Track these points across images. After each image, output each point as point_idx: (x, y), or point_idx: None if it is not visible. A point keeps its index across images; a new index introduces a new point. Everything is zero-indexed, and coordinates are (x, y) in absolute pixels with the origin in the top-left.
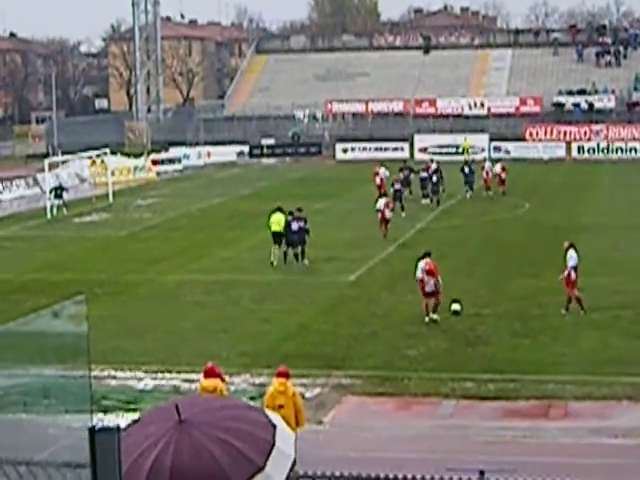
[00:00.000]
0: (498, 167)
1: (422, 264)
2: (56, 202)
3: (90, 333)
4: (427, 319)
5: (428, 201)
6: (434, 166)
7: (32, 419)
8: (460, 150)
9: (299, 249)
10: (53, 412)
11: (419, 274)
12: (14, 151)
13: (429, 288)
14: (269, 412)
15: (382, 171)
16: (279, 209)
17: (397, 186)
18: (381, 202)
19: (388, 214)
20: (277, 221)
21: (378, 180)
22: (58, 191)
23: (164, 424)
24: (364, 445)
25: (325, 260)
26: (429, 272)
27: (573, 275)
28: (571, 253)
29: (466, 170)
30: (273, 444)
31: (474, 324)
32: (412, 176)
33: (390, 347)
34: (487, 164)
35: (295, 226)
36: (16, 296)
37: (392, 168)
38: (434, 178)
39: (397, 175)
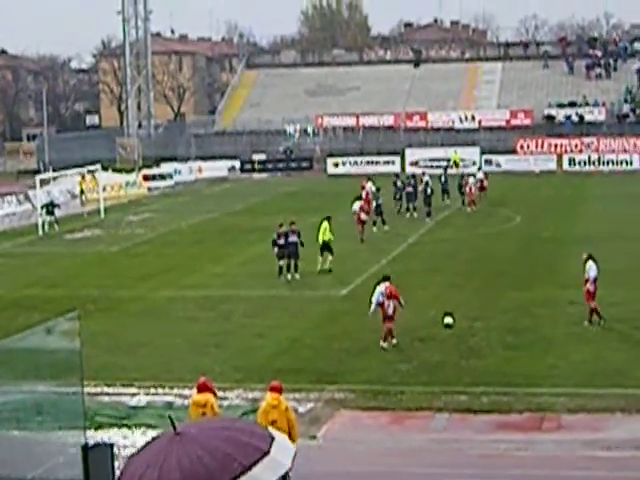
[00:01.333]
0: (481, 173)
1: (381, 288)
2: (48, 218)
3: (83, 349)
4: (385, 344)
5: (415, 215)
6: (426, 178)
7: (25, 436)
8: (450, 163)
9: (292, 262)
10: (46, 429)
11: (379, 298)
12: (5, 167)
13: (390, 311)
14: (271, 429)
15: (369, 185)
16: (327, 218)
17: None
18: (356, 205)
19: (363, 216)
20: (324, 230)
21: (364, 194)
22: (49, 207)
23: (162, 440)
24: (357, 459)
25: (317, 274)
26: (389, 296)
27: (591, 287)
28: (590, 264)
29: (442, 179)
30: (267, 453)
31: (467, 337)
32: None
33: (383, 361)
34: (471, 179)
35: (291, 239)
36: (8, 312)
37: (382, 182)
38: (428, 191)
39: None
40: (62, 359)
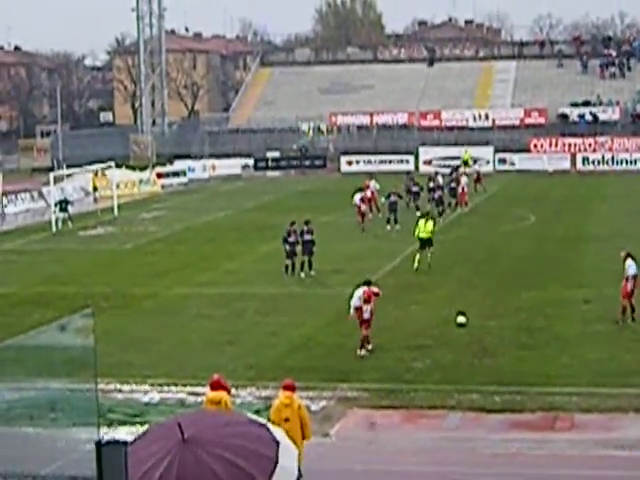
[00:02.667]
0: (476, 166)
1: (360, 292)
2: (61, 215)
3: (96, 346)
4: (362, 352)
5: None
6: (440, 179)
7: (39, 432)
8: (461, 162)
9: (306, 259)
10: (60, 425)
11: (356, 303)
12: (19, 164)
13: (366, 316)
14: (273, 428)
15: (372, 184)
16: (424, 215)
17: (393, 198)
18: (357, 197)
19: (363, 207)
20: (424, 227)
21: (369, 193)
22: (63, 204)
23: (168, 442)
24: (370, 458)
25: (331, 272)
26: (367, 300)
27: (630, 284)
28: (629, 262)
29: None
30: (276, 462)
31: (480, 336)
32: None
33: (396, 359)
34: (463, 179)
35: (307, 237)
36: (22, 309)
37: (392, 181)
38: (438, 192)
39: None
40: (76, 356)
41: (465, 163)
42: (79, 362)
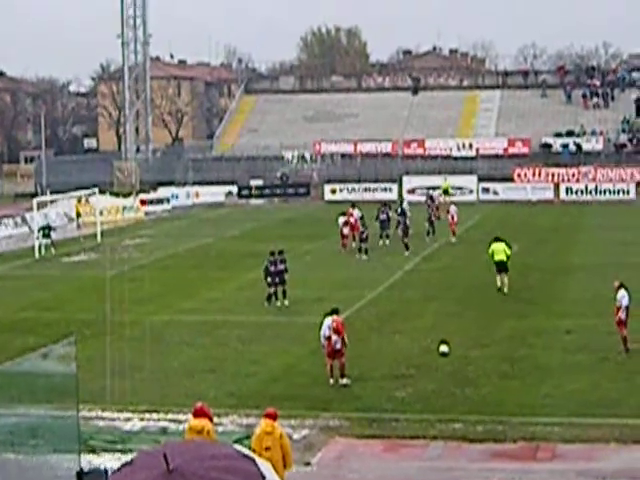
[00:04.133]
0: (437, 193)
1: (329, 321)
2: (44, 241)
3: (78, 374)
4: (332, 382)
5: (387, 243)
6: (406, 205)
7: (20, 459)
8: (441, 191)
9: (280, 289)
10: (41, 452)
11: (326, 332)
12: (2, 190)
13: (337, 346)
14: (260, 461)
15: (356, 212)
16: (498, 238)
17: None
18: (340, 220)
19: (346, 231)
20: (500, 250)
21: (352, 220)
22: (46, 230)
23: (152, 472)
24: None
25: (313, 301)
26: (336, 330)
27: (623, 315)
28: (622, 292)
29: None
30: None
31: (462, 365)
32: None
33: (378, 389)
34: (452, 208)
35: (279, 267)
36: (4, 335)
37: (372, 210)
38: (407, 221)
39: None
40: (58, 383)
41: (445, 192)
42: (61, 389)
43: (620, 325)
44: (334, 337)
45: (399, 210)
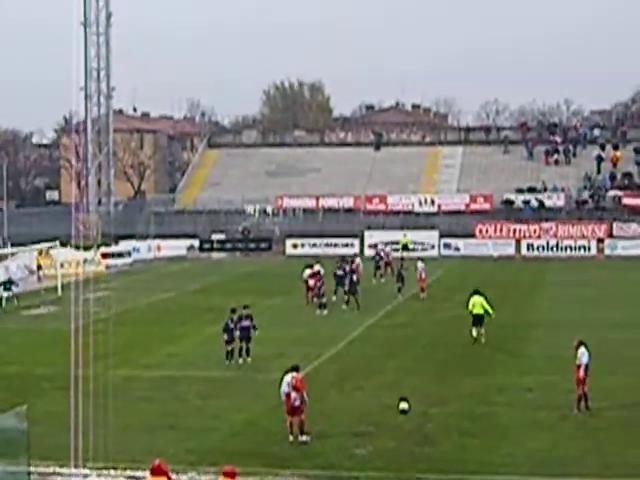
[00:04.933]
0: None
1: (288, 378)
2: (5, 294)
3: (33, 428)
4: (292, 438)
5: (345, 298)
6: (358, 261)
7: None
8: (400, 246)
9: (244, 346)
10: None
11: (285, 389)
12: None
13: (297, 403)
14: None
15: (318, 267)
16: (477, 292)
17: (318, 283)
18: (306, 272)
19: (311, 282)
20: (478, 303)
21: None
22: (7, 284)
23: None
24: None
25: (273, 357)
26: (295, 387)
27: (583, 373)
28: (582, 350)
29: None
30: None
31: (422, 423)
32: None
33: (338, 446)
34: (419, 264)
35: (244, 324)
36: None
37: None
38: (353, 277)
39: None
40: (10, 439)
41: (404, 247)
42: (13, 444)
43: (579, 384)
44: (293, 394)
45: (347, 268)
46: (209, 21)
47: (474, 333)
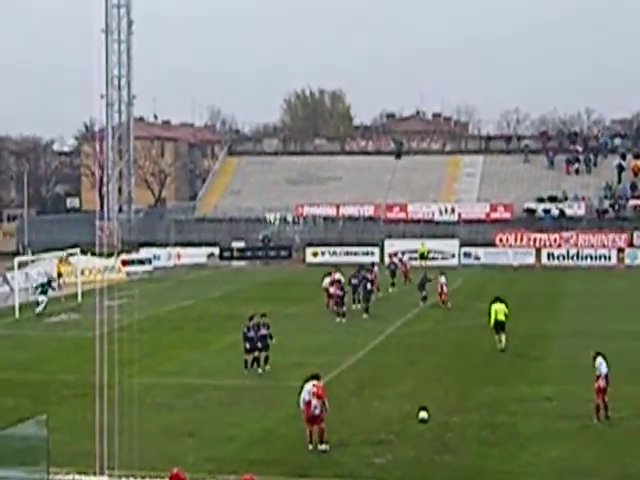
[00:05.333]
0: (443, 278)
1: (309, 386)
2: (40, 298)
3: (53, 436)
4: (311, 447)
5: (358, 307)
6: (376, 270)
7: None
8: (417, 255)
9: (263, 354)
10: None
11: (305, 397)
12: None
13: (317, 412)
14: None
15: (338, 276)
16: (498, 298)
17: (338, 291)
18: (326, 281)
19: (332, 290)
20: (501, 310)
21: (336, 284)
22: (45, 287)
23: None
24: None
25: (293, 366)
26: (317, 395)
27: (602, 382)
28: (600, 360)
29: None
30: None
31: (442, 432)
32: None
33: (357, 455)
34: (442, 278)
35: (262, 332)
36: None
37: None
38: (367, 285)
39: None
40: (31, 446)
41: (422, 256)
42: (34, 452)
43: (598, 393)
44: (314, 402)
45: (368, 276)
46: (228, 23)
47: (497, 340)
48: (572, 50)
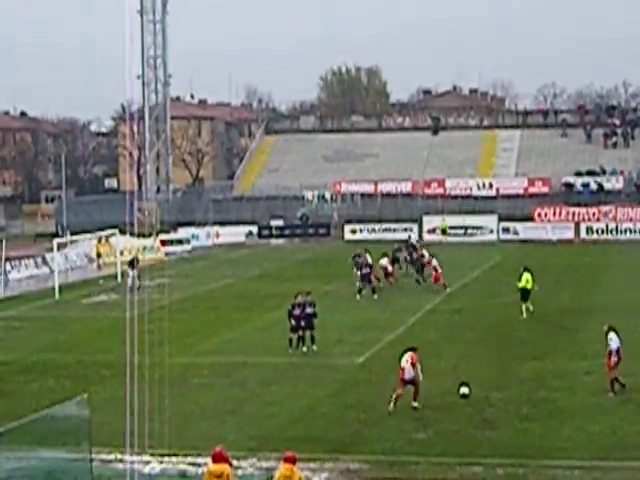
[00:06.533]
0: (434, 261)
1: (406, 356)
2: (131, 273)
3: (95, 416)
4: (392, 407)
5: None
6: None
7: None
8: (439, 230)
9: (308, 333)
10: None
11: (404, 363)
12: (23, 230)
13: (408, 376)
14: None
15: (367, 256)
16: (526, 269)
17: (365, 270)
18: (383, 261)
19: (390, 269)
20: (528, 278)
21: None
22: (134, 262)
23: None
24: None
25: (333, 342)
26: (410, 362)
27: (614, 358)
28: (611, 335)
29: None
30: None
31: (483, 407)
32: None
33: (398, 431)
34: (434, 261)
35: (308, 311)
36: (23, 377)
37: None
38: (365, 269)
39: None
40: (73, 426)
41: (443, 231)
42: (76, 432)
43: (609, 368)
44: (407, 367)
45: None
46: (263, 1)
47: (524, 308)
48: (608, 24)
